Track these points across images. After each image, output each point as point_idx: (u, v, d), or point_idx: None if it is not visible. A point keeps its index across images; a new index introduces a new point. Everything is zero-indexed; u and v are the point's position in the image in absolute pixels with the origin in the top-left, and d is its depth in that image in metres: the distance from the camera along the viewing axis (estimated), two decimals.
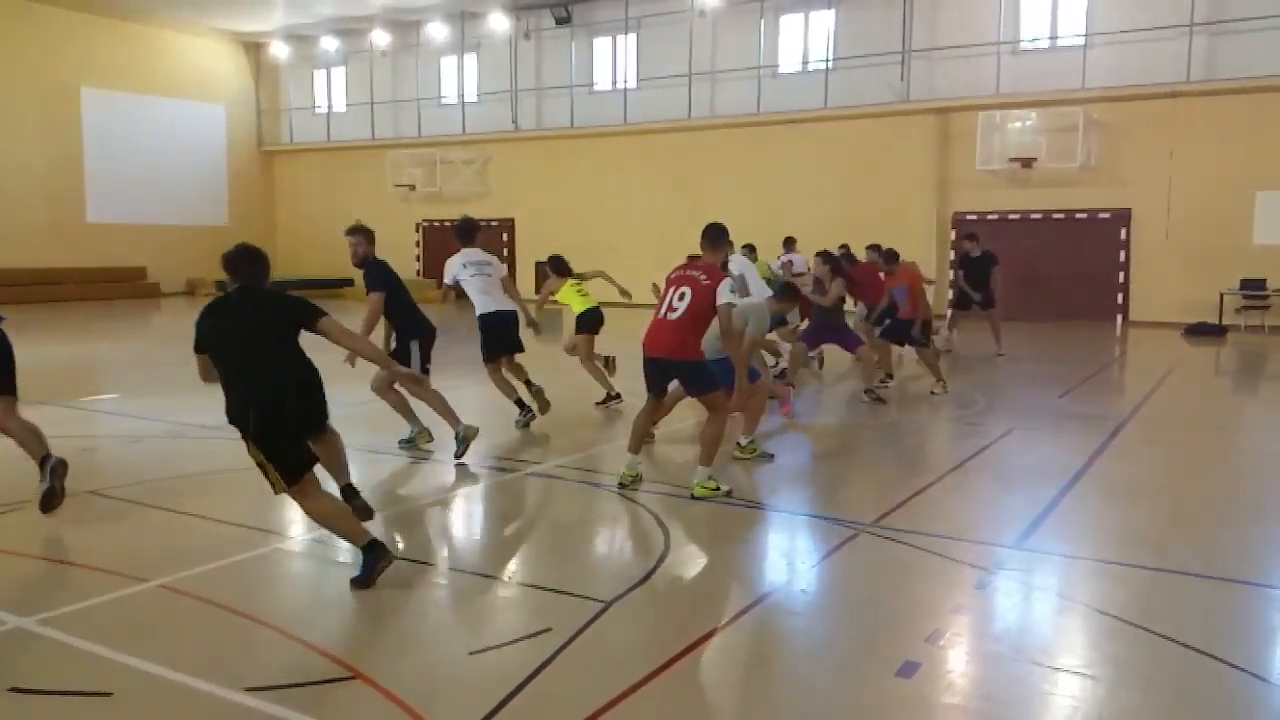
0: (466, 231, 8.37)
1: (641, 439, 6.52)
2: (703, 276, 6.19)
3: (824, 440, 8.83)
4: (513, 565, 5.20)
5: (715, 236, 6.48)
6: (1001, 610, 4.57)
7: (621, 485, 6.38)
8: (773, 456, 7.35)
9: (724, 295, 6.09)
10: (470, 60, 28.08)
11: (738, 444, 7.34)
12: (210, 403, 9.40)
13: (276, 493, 4.71)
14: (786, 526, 5.96)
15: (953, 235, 21.68)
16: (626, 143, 25.38)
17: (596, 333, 9.83)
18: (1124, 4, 19.70)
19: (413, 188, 28.60)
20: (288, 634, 4.05)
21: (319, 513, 4.75)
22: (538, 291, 10.42)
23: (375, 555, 4.63)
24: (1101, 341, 17.63)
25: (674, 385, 6.63)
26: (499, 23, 26.45)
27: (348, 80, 30.51)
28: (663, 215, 23.86)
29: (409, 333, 7.54)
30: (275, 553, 5.30)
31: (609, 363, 10.05)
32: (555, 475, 6.95)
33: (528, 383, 8.86)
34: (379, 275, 7.43)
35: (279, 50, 30.53)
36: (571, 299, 9.86)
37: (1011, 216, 21.27)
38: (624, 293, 10.51)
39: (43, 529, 5.67)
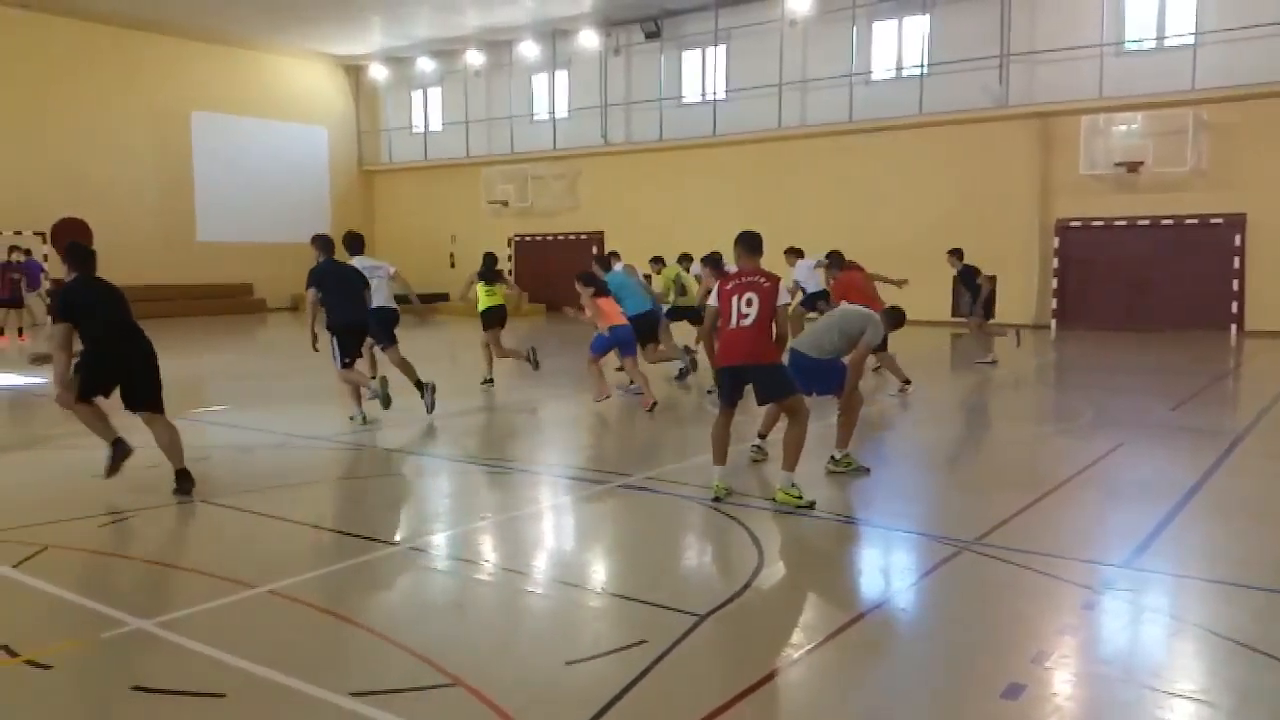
0: (359, 240, 10.16)
1: (724, 450, 6.51)
2: (763, 280, 6.31)
3: (922, 454, 8.64)
4: (605, 576, 5.22)
5: (753, 243, 6.60)
6: (1111, 631, 4.40)
7: (715, 499, 6.36)
8: (868, 470, 7.22)
9: (783, 296, 6.31)
10: (561, 77, 28.52)
11: (832, 458, 7.24)
12: (316, 415, 9.71)
13: (66, 397, 6.46)
14: (884, 543, 5.85)
15: (1056, 242, 21.08)
16: (715, 154, 25.38)
17: (500, 327, 11.94)
18: (1236, 0, 18.90)
19: (505, 203, 29.14)
20: (390, 640, 4.14)
21: (81, 414, 6.62)
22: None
23: (119, 449, 6.60)
24: (1215, 352, 16.84)
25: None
26: (589, 39, 26.80)
27: (443, 100, 31.29)
28: (752, 226, 23.72)
29: (330, 325, 9.15)
30: (376, 560, 5.43)
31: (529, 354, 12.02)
32: (646, 487, 6.96)
33: (418, 383, 9.94)
34: (312, 275, 9.18)
35: (378, 72, 31.50)
36: (480, 294, 11.90)
37: (1117, 223, 20.57)
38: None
39: (159, 536, 5.93)
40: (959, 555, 5.32)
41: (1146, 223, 20.24)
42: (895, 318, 8.04)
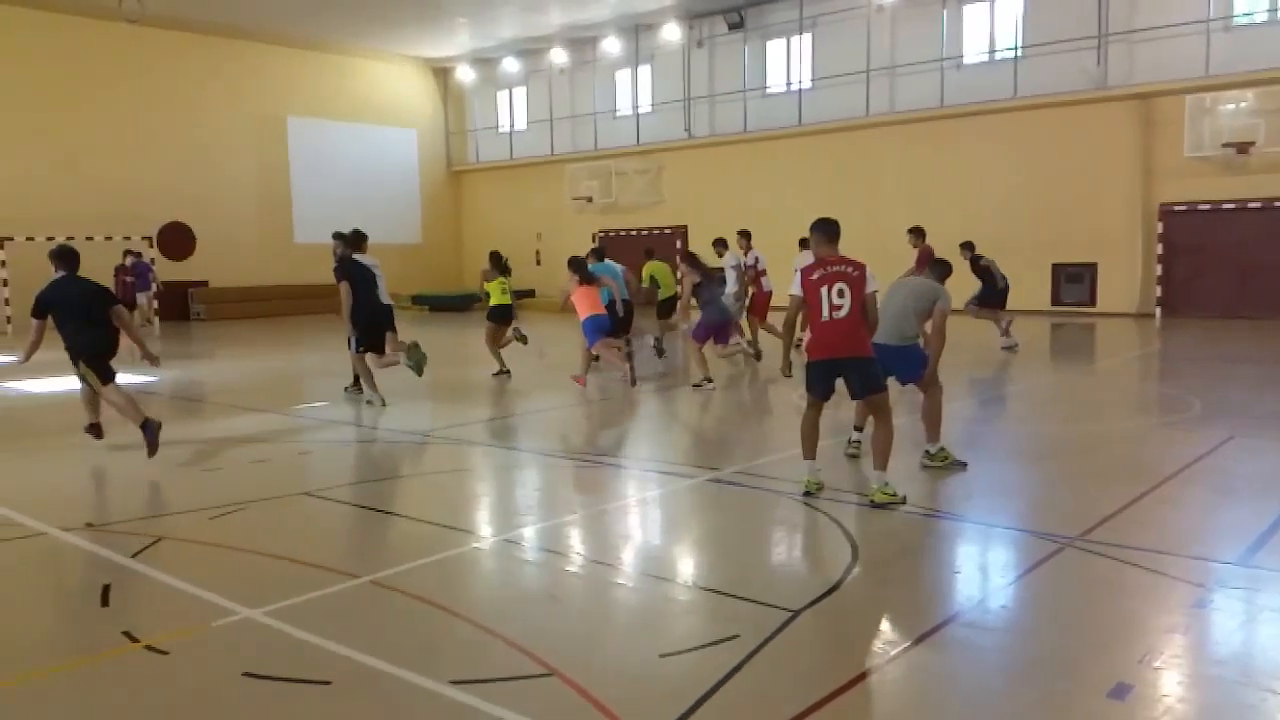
0: (363, 239, 10.79)
1: (814, 445, 6.41)
2: (850, 269, 6.19)
3: (1021, 447, 8.42)
4: (697, 570, 5.22)
5: (831, 230, 6.46)
6: (1224, 631, 4.22)
7: (807, 493, 6.30)
8: (965, 465, 7.06)
9: (871, 283, 6.20)
10: (644, 71, 28.56)
11: (926, 452, 7.10)
12: (410, 411, 9.92)
13: (94, 387, 7.89)
14: (983, 539, 5.71)
15: (1160, 228, 20.28)
16: (801, 144, 25.10)
17: (504, 322, 12.52)
18: None
19: (590, 200, 29.33)
20: (488, 629, 4.22)
21: (113, 398, 7.87)
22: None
23: (151, 428, 7.58)
24: None
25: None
26: (671, 32, 26.76)
27: (528, 99, 31.65)
28: (840, 215, 23.35)
29: (354, 320, 10.21)
30: (472, 551, 5.54)
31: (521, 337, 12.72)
32: (736, 482, 6.93)
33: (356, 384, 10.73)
34: (342, 271, 10.24)
35: (465, 74, 32.02)
36: (494, 291, 12.49)
37: (1226, 206, 19.68)
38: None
39: (265, 528, 6.14)
40: (1061, 552, 5.17)
41: (1258, 205, 19.31)
42: (944, 270, 7.56)
